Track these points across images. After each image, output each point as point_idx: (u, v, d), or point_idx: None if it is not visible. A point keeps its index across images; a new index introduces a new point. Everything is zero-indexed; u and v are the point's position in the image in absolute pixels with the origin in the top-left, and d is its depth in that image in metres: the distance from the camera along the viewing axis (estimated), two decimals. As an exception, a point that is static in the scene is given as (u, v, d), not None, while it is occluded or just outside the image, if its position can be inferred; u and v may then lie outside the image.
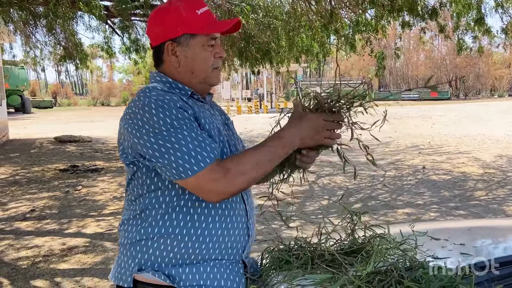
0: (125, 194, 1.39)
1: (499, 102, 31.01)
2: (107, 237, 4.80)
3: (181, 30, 1.29)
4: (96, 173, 8.52)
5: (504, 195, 6.02)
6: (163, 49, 1.33)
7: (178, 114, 1.20)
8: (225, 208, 1.30)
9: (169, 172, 1.19)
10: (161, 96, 1.22)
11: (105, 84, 51.01)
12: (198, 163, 1.15)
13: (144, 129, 1.20)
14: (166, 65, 1.35)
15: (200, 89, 1.36)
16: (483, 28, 7.67)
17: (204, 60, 1.32)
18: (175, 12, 1.30)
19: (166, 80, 1.34)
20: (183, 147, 1.16)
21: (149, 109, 1.20)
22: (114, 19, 10.93)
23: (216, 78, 1.37)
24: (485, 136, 12.41)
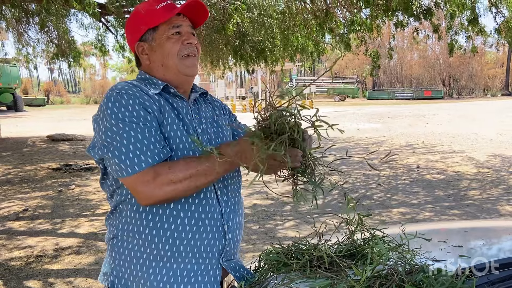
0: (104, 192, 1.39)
1: (492, 101, 31.23)
2: (100, 237, 4.75)
3: (143, 28, 1.35)
4: (90, 172, 8.45)
5: (498, 195, 6.05)
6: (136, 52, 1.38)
7: (134, 110, 1.20)
8: (195, 210, 1.28)
9: (111, 167, 1.21)
10: (124, 90, 1.23)
11: (99, 82, 50.71)
12: (135, 165, 1.16)
13: (101, 121, 1.22)
14: (143, 65, 1.40)
15: (177, 81, 1.36)
16: (477, 28, 7.71)
17: (169, 49, 1.33)
18: (135, 15, 1.39)
19: (144, 76, 1.37)
20: (125, 146, 1.17)
21: (108, 101, 1.22)
22: (108, 17, 10.86)
23: (187, 67, 1.34)
24: (478, 135, 12.48)
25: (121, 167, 1.18)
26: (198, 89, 1.47)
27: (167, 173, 1.17)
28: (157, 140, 1.21)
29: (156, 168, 1.18)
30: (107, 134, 1.20)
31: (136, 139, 1.18)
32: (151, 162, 1.17)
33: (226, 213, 1.35)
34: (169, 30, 1.33)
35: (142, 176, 1.17)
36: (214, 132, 1.41)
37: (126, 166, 1.17)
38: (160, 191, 1.17)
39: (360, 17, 7.53)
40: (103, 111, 1.23)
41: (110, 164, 1.21)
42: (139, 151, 1.17)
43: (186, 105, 1.37)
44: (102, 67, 54.68)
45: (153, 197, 1.18)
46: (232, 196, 1.41)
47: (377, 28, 7.68)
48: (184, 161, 1.21)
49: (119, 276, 1.31)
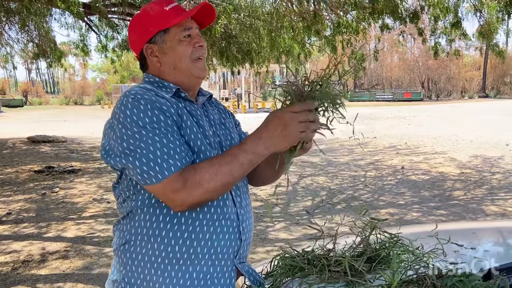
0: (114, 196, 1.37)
1: (469, 103, 31.95)
2: (88, 241, 4.67)
3: (153, 30, 1.31)
4: (73, 175, 8.29)
5: (482, 195, 6.19)
6: (144, 54, 1.34)
7: (153, 116, 1.17)
8: (214, 212, 1.27)
9: (135, 176, 1.18)
10: (139, 95, 1.20)
11: (78, 83, 49.80)
12: (163, 171, 1.13)
13: (118, 128, 1.19)
14: (150, 68, 1.36)
15: (188, 84, 1.35)
16: (460, 32, 7.87)
17: (182, 52, 1.31)
18: (144, 15, 1.34)
19: (153, 79, 1.34)
20: (150, 153, 1.14)
21: (125, 108, 1.19)
22: (91, 16, 10.68)
23: (200, 70, 1.34)
24: (459, 136, 12.74)
25: (150, 174, 1.14)
26: (205, 92, 1.46)
27: (194, 176, 1.15)
28: (181, 144, 1.19)
29: (183, 173, 1.16)
30: (129, 142, 1.17)
31: (161, 144, 1.15)
32: (179, 166, 1.15)
33: (241, 214, 1.34)
34: (181, 33, 1.31)
35: (171, 183, 1.14)
36: (223, 134, 1.40)
37: (155, 173, 1.14)
38: (190, 196, 1.15)
39: (346, 19, 7.60)
40: (120, 118, 1.19)
41: (134, 173, 1.18)
42: (166, 155, 1.14)
43: (196, 108, 1.36)
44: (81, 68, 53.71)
45: (186, 203, 1.17)
46: (245, 198, 1.40)
47: (363, 31, 7.76)
48: (208, 161, 1.20)
49: (131, 282, 1.28)
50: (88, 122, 21.58)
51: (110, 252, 4.33)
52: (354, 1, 6.66)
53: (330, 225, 4.98)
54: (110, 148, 1.23)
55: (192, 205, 1.19)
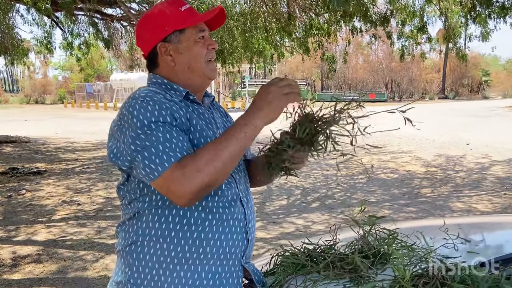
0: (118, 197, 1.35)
1: (430, 104, 33.13)
2: (61, 244, 4.54)
3: (169, 29, 1.31)
4: (39, 176, 8.02)
5: (448, 192, 6.46)
6: (156, 52, 1.34)
7: (160, 116, 1.18)
8: (223, 212, 1.29)
9: (140, 173, 1.18)
10: (148, 97, 1.21)
11: (39, 81, 47.87)
12: (163, 163, 1.13)
13: (126, 129, 1.19)
14: (161, 67, 1.35)
15: (199, 85, 1.36)
16: (426, 35, 8.19)
17: (198, 53, 1.32)
18: (160, 14, 1.33)
19: (162, 81, 1.34)
20: (152, 148, 1.14)
21: (133, 109, 1.19)
22: (57, 13, 10.35)
23: (212, 71, 1.37)
24: (422, 136, 13.19)
25: (152, 168, 1.14)
26: (210, 94, 1.47)
27: (192, 161, 1.14)
28: (184, 140, 1.19)
29: (181, 162, 1.15)
30: (135, 143, 1.17)
31: (164, 139, 1.15)
32: (178, 156, 1.15)
33: (248, 214, 1.36)
34: (197, 34, 1.32)
35: (172, 173, 1.13)
36: None
37: (156, 166, 1.14)
38: (192, 182, 1.12)
39: (318, 21, 7.74)
40: (129, 120, 1.20)
41: (139, 171, 1.18)
42: (168, 149, 1.14)
43: (204, 110, 1.37)
44: (43, 65, 51.76)
45: (189, 192, 1.13)
46: (250, 198, 1.43)
47: (334, 33, 7.92)
48: (203, 146, 1.20)
49: (137, 283, 1.27)
50: (51, 122, 20.86)
51: (84, 255, 4.23)
52: (326, 3, 6.78)
53: (306, 223, 5.10)
54: (118, 150, 1.23)
55: (194, 194, 1.14)
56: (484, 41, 7.79)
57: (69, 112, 29.50)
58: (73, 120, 21.71)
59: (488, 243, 1.44)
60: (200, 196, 1.19)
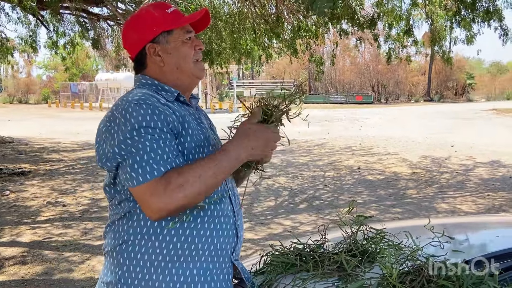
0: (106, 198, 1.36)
1: (415, 106, 33.57)
2: (46, 245, 4.48)
3: (157, 30, 1.34)
4: (23, 177, 7.90)
5: (433, 194, 6.55)
6: (145, 53, 1.36)
7: (151, 121, 1.19)
8: (214, 209, 1.30)
9: (122, 177, 1.20)
10: (142, 100, 1.22)
11: (23, 80, 47.11)
12: (146, 174, 1.15)
13: (114, 131, 1.20)
14: (150, 68, 1.37)
15: (188, 84, 1.39)
16: (412, 39, 8.30)
17: (186, 53, 1.36)
18: (147, 15, 1.36)
19: (152, 82, 1.35)
20: (137, 156, 1.16)
21: (125, 112, 1.20)
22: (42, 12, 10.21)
23: (201, 70, 1.41)
24: (408, 138, 13.36)
25: (132, 176, 1.16)
26: (196, 96, 1.50)
27: (176, 178, 1.16)
28: (170, 150, 1.20)
29: (166, 175, 1.17)
30: (121, 147, 1.19)
31: (150, 149, 1.17)
32: (162, 170, 1.16)
33: (236, 211, 1.38)
34: (184, 35, 1.36)
35: (153, 186, 1.15)
36: (215, 139, 1.44)
37: (137, 175, 1.16)
38: (171, 200, 1.15)
39: (306, 23, 7.78)
40: (120, 123, 1.20)
41: (122, 173, 1.20)
42: (152, 160, 1.16)
43: (194, 111, 1.39)
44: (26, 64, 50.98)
45: (165, 209, 1.16)
46: (237, 197, 1.45)
47: (321, 35, 7.98)
48: (190, 165, 1.22)
49: (127, 282, 1.27)
50: (35, 122, 20.56)
51: (70, 256, 4.18)
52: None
53: (294, 224, 5.12)
54: (104, 152, 1.23)
55: (170, 211, 1.17)
56: (469, 45, 7.93)
57: (53, 112, 29.10)
58: (58, 120, 21.43)
59: (472, 242, 1.47)
60: (173, 214, 1.21)
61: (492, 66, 53.22)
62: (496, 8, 6.72)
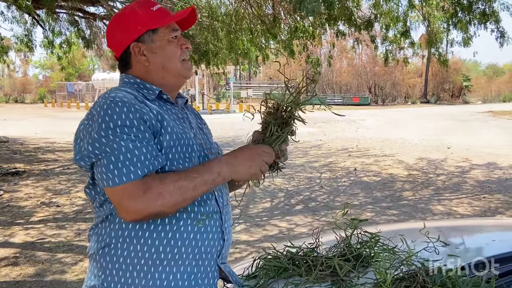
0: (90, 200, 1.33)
1: (412, 108, 33.63)
2: (39, 246, 4.44)
3: (142, 28, 1.31)
4: (17, 177, 7.84)
5: (429, 195, 6.54)
6: (129, 52, 1.33)
7: (127, 119, 1.17)
8: (198, 211, 1.28)
9: (97, 177, 1.18)
10: (118, 98, 1.20)
11: (19, 80, 46.93)
12: (122, 176, 1.13)
13: (92, 129, 1.18)
14: (134, 67, 1.35)
15: (174, 84, 1.37)
16: (409, 40, 8.29)
17: (172, 52, 1.33)
18: (131, 14, 1.33)
19: (134, 81, 1.33)
20: (115, 156, 1.14)
21: (100, 110, 1.18)
22: (38, 11, 10.16)
23: (188, 70, 1.38)
24: (405, 140, 13.37)
25: (108, 177, 1.14)
26: (183, 96, 1.47)
27: (157, 185, 1.15)
28: (148, 151, 1.17)
29: (147, 180, 1.15)
30: (95, 146, 1.16)
31: (127, 149, 1.14)
32: (140, 174, 1.14)
33: (224, 214, 1.35)
34: (170, 33, 1.33)
35: (131, 189, 1.13)
36: (202, 139, 1.42)
37: (113, 176, 1.13)
38: (148, 205, 1.14)
39: (303, 24, 7.76)
40: (95, 120, 1.18)
41: (97, 172, 1.18)
42: (129, 161, 1.14)
43: (178, 110, 1.37)
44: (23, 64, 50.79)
45: (140, 213, 1.14)
46: (226, 199, 1.42)
47: (318, 36, 7.96)
48: (174, 173, 1.21)
49: (110, 286, 1.24)
50: (30, 121, 20.46)
51: (63, 258, 4.14)
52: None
53: (289, 226, 5.10)
54: (80, 150, 1.21)
55: (146, 216, 1.16)
56: (465, 47, 7.92)
57: (50, 111, 28.97)
58: (54, 120, 21.32)
59: (468, 246, 1.45)
60: (147, 220, 1.19)
61: (489, 69, 53.41)
62: (493, 10, 6.71)
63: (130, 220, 1.17)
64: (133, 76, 1.33)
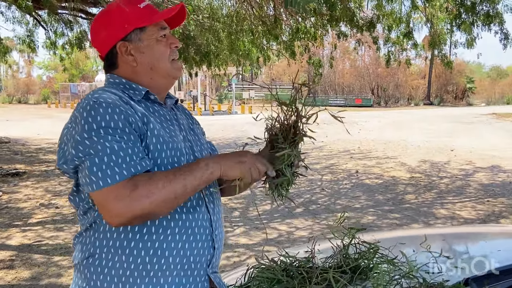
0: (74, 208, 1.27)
1: (415, 110, 33.52)
2: (36, 249, 4.38)
3: (129, 27, 1.25)
4: (18, 178, 7.81)
5: (432, 199, 6.45)
6: (115, 52, 1.26)
7: (111, 121, 1.11)
8: (186, 219, 1.22)
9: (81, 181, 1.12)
10: (102, 99, 1.14)
11: (23, 80, 47.12)
12: (106, 178, 1.07)
13: (76, 132, 1.12)
14: (121, 68, 1.28)
15: (163, 85, 1.31)
16: (411, 42, 8.22)
17: (161, 52, 1.27)
18: (118, 11, 1.26)
19: (120, 81, 1.27)
20: (98, 158, 1.07)
21: (83, 110, 1.12)
22: (40, 11, 10.14)
23: (177, 70, 1.32)
24: (407, 142, 13.27)
25: (92, 180, 1.07)
26: (172, 96, 1.41)
27: (146, 183, 1.09)
28: (134, 152, 1.11)
29: (135, 179, 1.09)
30: (78, 148, 1.10)
31: (111, 151, 1.08)
32: (126, 175, 1.08)
33: (214, 221, 1.29)
34: (158, 32, 1.27)
35: (117, 190, 1.07)
36: (193, 140, 1.36)
37: (97, 179, 1.07)
38: (136, 205, 1.07)
39: (305, 25, 7.70)
40: (78, 122, 1.12)
41: (81, 176, 1.12)
42: (113, 163, 1.07)
43: (167, 111, 1.32)
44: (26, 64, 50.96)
45: (127, 214, 1.07)
46: (217, 204, 1.36)
47: (320, 37, 7.90)
48: (162, 171, 1.15)
49: None
50: (33, 122, 20.47)
51: (60, 261, 4.08)
52: (313, 7, 6.75)
53: (289, 229, 5.03)
54: (64, 154, 1.15)
55: (133, 217, 1.09)
56: (469, 48, 7.84)
57: (53, 112, 29.01)
58: (57, 121, 21.30)
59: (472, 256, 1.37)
60: (135, 222, 1.13)
61: (492, 70, 53.24)
62: (497, 11, 6.64)
63: (117, 223, 1.11)
64: (118, 76, 1.28)
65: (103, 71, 1.38)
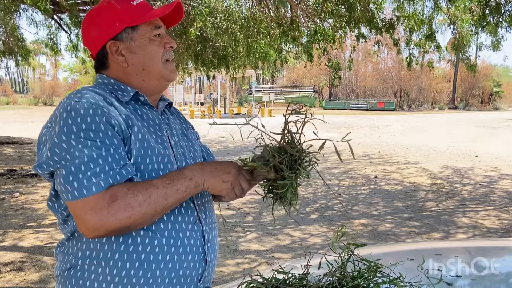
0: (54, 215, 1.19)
1: (439, 114, 32.78)
2: (47, 251, 4.38)
3: (120, 25, 1.17)
4: (36, 179, 7.90)
5: (454, 207, 6.20)
6: (106, 51, 1.19)
7: (92, 123, 1.04)
8: (174, 229, 1.13)
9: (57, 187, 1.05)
10: (84, 99, 1.07)
11: (49, 83, 48.37)
12: (82, 189, 1.00)
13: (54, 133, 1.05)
14: (112, 68, 1.21)
15: (155, 87, 1.23)
16: (434, 44, 7.98)
17: (154, 52, 1.19)
18: (109, 8, 1.19)
19: (108, 81, 1.20)
20: (75, 166, 1.00)
21: (63, 111, 1.06)
22: (61, 14, 10.32)
23: (171, 72, 1.24)
24: (430, 147, 12.93)
25: (67, 189, 1.01)
26: (166, 98, 1.33)
27: (125, 195, 1.01)
28: (115, 160, 1.04)
29: (114, 190, 1.01)
30: (54, 151, 1.03)
31: (89, 158, 1.01)
32: (103, 186, 1.00)
33: (206, 232, 1.21)
34: (152, 31, 1.19)
35: (94, 202, 0.99)
36: (186, 146, 1.29)
37: (73, 189, 1.00)
38: (114, 218, 1.00)
39: (323, 27, 7.57)
40: (57, 123, 1.05)
41: (57, 183, 1.05)
42: (90, 172, 1.00)
43: (157, 115, 1.23)
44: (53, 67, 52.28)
45: (104, 227, 1.00)
46: (210, 214, 1.28)
47: (339, 39, 7.75)
48: (144, 181, 1.07)
49: None
50: (57, 124, 20.88)
51: (70, 263, 4.07)
52: (331, 9, 6.62)
53: (303, 236, 4.89)
54: (41, 155, 1.08)
55: (109, 232, 1.03)
56: (495, 51, 7.56)
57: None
58: (79, 123, 21.73)
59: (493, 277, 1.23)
60: (111, 235, 1.05)
61: (520, 74, 51.66)
62: (524, 12, 6.37)
63: (93, 236, 1.04)
64: (108, 76, 1.20)
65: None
